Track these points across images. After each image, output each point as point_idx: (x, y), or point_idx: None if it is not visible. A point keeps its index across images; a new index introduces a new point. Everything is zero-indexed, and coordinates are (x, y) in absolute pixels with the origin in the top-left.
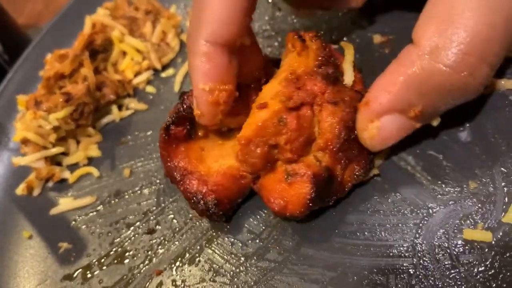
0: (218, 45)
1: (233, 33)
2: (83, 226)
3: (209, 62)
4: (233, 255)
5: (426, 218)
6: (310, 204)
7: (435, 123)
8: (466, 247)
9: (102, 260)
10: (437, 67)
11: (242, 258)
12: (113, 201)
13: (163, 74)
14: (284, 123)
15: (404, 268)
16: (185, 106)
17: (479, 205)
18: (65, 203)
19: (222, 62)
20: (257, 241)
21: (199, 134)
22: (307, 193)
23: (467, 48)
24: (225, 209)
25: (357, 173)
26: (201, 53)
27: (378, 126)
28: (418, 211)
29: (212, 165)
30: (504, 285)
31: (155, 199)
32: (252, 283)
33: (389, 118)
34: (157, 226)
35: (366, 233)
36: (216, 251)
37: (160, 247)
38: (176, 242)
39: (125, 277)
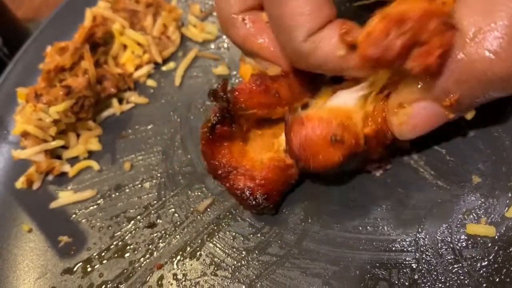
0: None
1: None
2: (83, 220)
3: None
4: (234, 249)
5: (429, 213)
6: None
7: (469, 116)
8: (469, 242)
9: (103, 254)
10: (480, 53)
11: (244, 252)
12: (113, 195)
13: (164, 68)
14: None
15: (407, 262)
16: (231, 104)
17: (482, 199)
18: (65, 197)
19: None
20: (259, 235)
21: (243, 128)
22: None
23: None
24: (275, 201)
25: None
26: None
27: (409, 113)
28: (421, 206)
29: (255, 158)
30: (508, 280)
31: (156, 193)
32: (254, 277)
33: (422, 105)
34: (158, 220)
35: (368, 227)
36: (218, 245)
37: (161, 241)
38: (177, 236)
39: (125, 271)
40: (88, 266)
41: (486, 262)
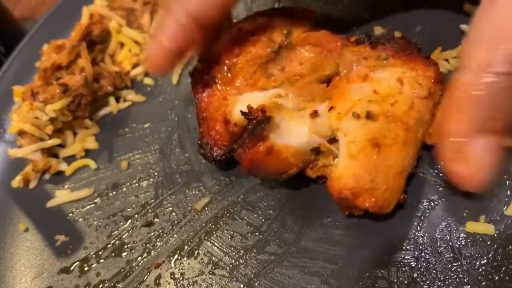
0: (195, 19)
1: (213, 15)
2: (80, 219)
3: (181, 31)
4: (232, 248)
5: (428, 211)
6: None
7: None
8: (468, 240)
9: (100, 253)
10: (497, 77)
11: (242, 251)
12: (110, 194)
13: None
14: None
15: (406, 261)
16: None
17: (482, 197)
18: (62, 196)
19: (192, 36)
20: (257, 233)
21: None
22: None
23: None
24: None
25: None
26: (176, 18)
27: (472, 157)
28: (420, 204)
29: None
30: (507, 278)
31: (153, 192)
32: (252, 275)
33: (476, 142)
34: (156, 219)
35: (367, 225)
36: (215, 243)
37: (158, 239)
38: (175, 235)
39: (123, 270)
40: (85, 265)
41: (485, 260)
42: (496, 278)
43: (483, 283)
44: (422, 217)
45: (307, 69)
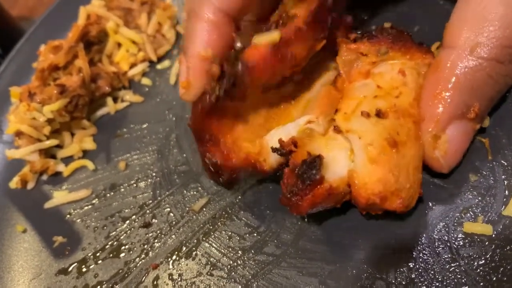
0: (227, 15)
1: (243, 5)
2: (78, 220)
3: (215, 30)
4: (230, 249)
5: (426, 211)
6: None
7: (486, 123)
8: (466, 241)
9: (98, 254)
10: (483, 62)
11: (240, 252)
12: (108, 195)
13: (159, 66)
14: None
15: (404, 261)
16: (243, 77)
17: (479, 198)
18: (59, 197)
19: (228, 34)
20: (255, 234)
21: (243, 101)
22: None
23: (507, 41)
24: (232, 179)
25: None
26: (207, 19)
27: (446, 140)
28: (418, 204)
29: (239, 138)
30: (505, 279)
31: (151, 192)
32: (250, 276)
33: (453, 127)
34: (153, 220)
35: (365, 226)
36: (213, 244)
37: (156, 240)
38: (173, 236)
39: (121, 271)
40: (83, 266)
41: (483, 261)
42: (494, 278)
43: (481, 283)
44: (420, 218)
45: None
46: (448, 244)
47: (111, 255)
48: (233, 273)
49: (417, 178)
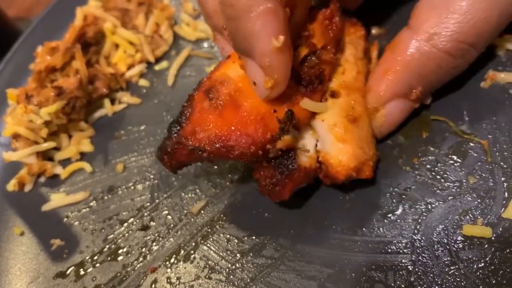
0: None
1: None
2: (76, 223)
3: (276, 17)
4: (229, 252)
5: (425, 214)
6: None
7: (428, 101)
8: (466, 243)
9: (95, 257)
10: (436, 52)
11: (238, 255)
12: (106, 197)
13: (157, 67)
14: None
15: (403, 264)
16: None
17: (479, 200)
18: (57, 199)
19: (286, 19)
20: (254, 237)
21: None
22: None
23: (463, 37)
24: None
25: None
26: (263, 10)
27: (384, 114)
28: (417, 207)
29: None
30: (504, 282)
31: (149, 195)
32: (248, 280)
33: (393, 104)
34: (151, 222)
35: (364, 229)
36: (212, 247)
37: (154, 243)
38: (171, 239)
39: (119, 274)
40: (81, 269)
41: (482, 264)
42: (494, 281)
43: (481, 286)
44: (419, 220)
45: None
46: (448, 247)
47: (109, 258)
48: (231, 276)
49: (374, 144)
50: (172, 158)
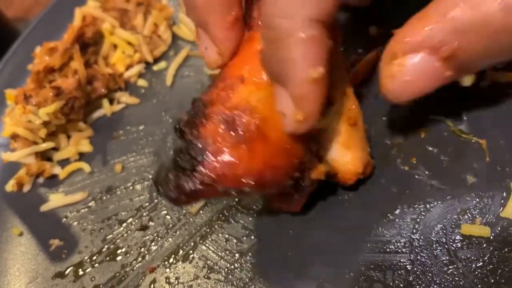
0: (324, 22)
1: (336, 8)
2: (75, 223)
3: (319, 46)
4: (227, 252)
5: (424, 213)
6: None
7: (467, 81)
8: (464, 243)
9: (94, 257)
10: (487, 4)
11: (237, 255)
12: (105, 197)
13: (155, 67)
14: None
15: (401, 264)
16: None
17: (477, 199)
18: (56, 199)
19: (329, 46)
20: (252, 237)
21: None
22: None
23: None
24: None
25: None
26: (307, 36)
27: (401, 63)
28: (415, 206)
29: None
30: (502, 281)
31: (148, 195)
32: (247, 279)
33: (416, 56)
34: (150, 223)
35: (362, 228)
36: (211, 247)
37: (153, 243)
38: (170, 239)
39: (117, 274)
40: (80, 269)
41: (481, 263)
42: (492, 281)
43: (479, 286)
44: (417, 220)
45: None
46: (446, 246)
47: (107, 258)
48: (230, 276)
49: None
50: (193, 198)
